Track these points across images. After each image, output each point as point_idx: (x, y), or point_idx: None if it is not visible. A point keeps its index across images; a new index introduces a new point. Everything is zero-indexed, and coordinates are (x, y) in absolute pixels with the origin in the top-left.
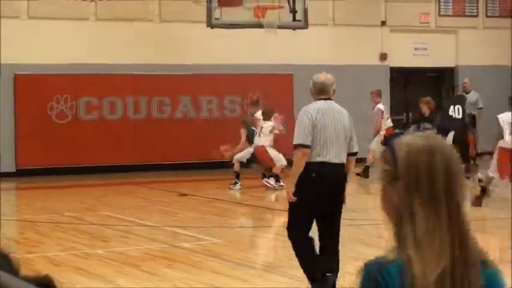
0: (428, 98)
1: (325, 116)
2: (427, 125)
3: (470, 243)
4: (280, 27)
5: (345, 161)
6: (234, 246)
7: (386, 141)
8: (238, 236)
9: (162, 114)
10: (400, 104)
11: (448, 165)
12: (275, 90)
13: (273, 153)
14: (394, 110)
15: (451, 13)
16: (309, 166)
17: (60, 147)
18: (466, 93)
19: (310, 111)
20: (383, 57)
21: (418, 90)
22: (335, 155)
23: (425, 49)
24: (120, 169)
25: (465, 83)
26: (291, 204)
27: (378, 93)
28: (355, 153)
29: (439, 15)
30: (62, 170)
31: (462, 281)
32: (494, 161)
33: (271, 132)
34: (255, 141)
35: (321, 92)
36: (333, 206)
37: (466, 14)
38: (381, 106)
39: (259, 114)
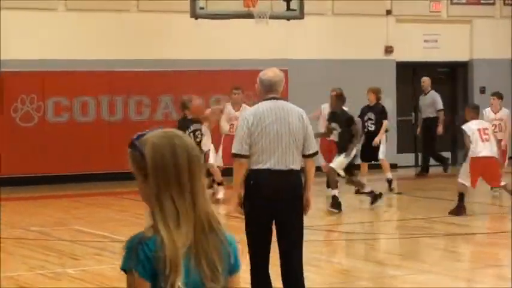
0: (378, 87)
1: (265, 119)
2: (371, 114)
3: (213, 222)
4: (272, 17)
5: (294, 166)
6: None
7: (132, 141)
8: None
9: (140, 116)
10: (407, 103)
11: (189, 158)
12: None
13: None
14: (400, 110)
15: (464, 1)
16: (248, 176)
17: (25, 154)
18: (424, 94)
19: (247, 116)
20: (388, 50)
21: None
22: (278, 161)
23: (436, 41)
24: (94, 178)
25: (423, 82)
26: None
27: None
28: (311, 155)
29: (452, 3)
30: (27, 179)
31: (206, 254)
32: (465, 169)
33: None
34: None
35: (269, 90)
36: (284, 219)
37: (482, 1)
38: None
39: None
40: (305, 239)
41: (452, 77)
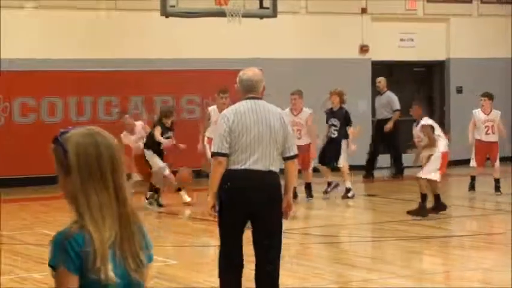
0: (341, 90)
1: (245, 118)
2: (334, 120)
3: (136, 216)
4: (245, 15)
5: (273, 168)
6: (191, 267)
7: (56, 137)
8: (197, 256)
9: (109, 117)
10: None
11: (112, 154)
12: None
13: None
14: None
15: None
16: (226, 175)
17: None
18: (380, 94)
19: (228, 114)
20: (364, 49)
21: (404, 87)
22: (257, 161)
23: (412, 40)
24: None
25: (379, 82)
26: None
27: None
28: (292, 157)
29: (428, 1)
30: None
31: (130, 247)
32: (432, 166)
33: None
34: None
35: (249, 90)
36: (261, 220)
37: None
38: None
39: None
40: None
41: (429, 77)
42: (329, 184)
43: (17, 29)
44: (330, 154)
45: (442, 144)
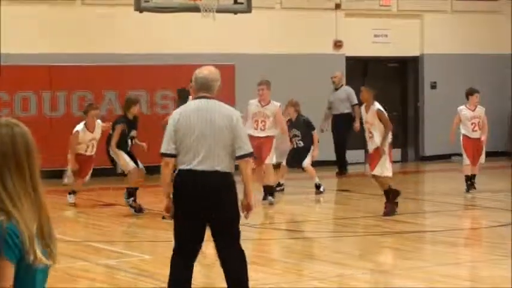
0: (296, 101)
1: (190, 118)
2: (295, 131)
3: (44, 203)
4: (219, 11)
5: (220, 168)
6: (166, 263)
7: None
8: (171, 251)
9: (83, 112)
10: (357, 99)
11: (27, 146)
12: None
13: None
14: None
15: None
16: (176, 176)
17: None
18: (336, 89)
19: (174, 115)
20: (338, 45)
21: (379, 83)
22: (202, 161)
23: (386, 36)
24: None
25: (335, 77)
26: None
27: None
28: (243, 156)
29: None
30: None
31: (48, 230)
32: (385, 162)
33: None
34: None
35: (201, 88)
36: (212, 220)
37: None
38: None
39: None
40: (254, 237)
41: (403, 72)
42: (279, 184)
43: None
44: (297, 159)
45: (389, 135)
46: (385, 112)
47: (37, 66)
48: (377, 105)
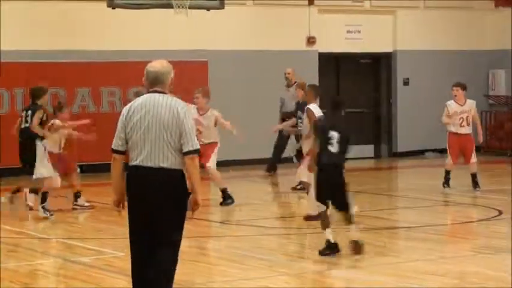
0: (304, 82)
1: (139, 113)
2: (300, 114)
3: None
4: (192, 7)
5: (166, 164)
6: None
7: None
8: None
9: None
10: (331, 95)
11: None
12: (187, 79)
13: None
14: (324, 102)
15: None
16: (127, 172)
17: None
18: (289, 86)
19: (124, 110)
20: (311, 41)
21: (352, 79)
22: (147, 158)
23: (359, 32)
24: (9, 173)
25: (288, 73)
26: None
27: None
28: (188, 152)
29: None
30: None
31: None
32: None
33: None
34: None
35: (152, 82)
36: (154, 219)
37: None
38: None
39: None
40: (227, 234)
41: (376, 69)
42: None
43: None
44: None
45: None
46: (315, 113)
47: (9, 63)
48: (312, 106)
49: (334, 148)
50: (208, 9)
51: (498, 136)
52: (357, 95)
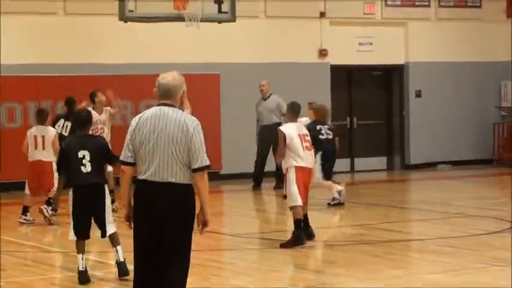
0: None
1: (145, 126)
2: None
3: None
4: (203, 20)
5: (174, 180)
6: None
7: None
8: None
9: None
10: (343, 107)
11: None
12: (199, 92)
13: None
14: (336, 114)
15: (399, 3)
16: (135, 186)
17: None
18: (264, 99)
19: (133, 121)
20: (323, 53)
21: (364, 91)
22: (156, 172)
23: (371, 44)
24: (20, 186)
25: (263, 85)
26: None
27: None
28: (197, 169)
29: (386, 5)
30: None
31: None
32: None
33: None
34: None
35: (162, 95)
36: (162, 235)
37: (416, 3)
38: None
39: None
40: (239, 247)
41: (388, 81)
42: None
43: None
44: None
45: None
46: (282, 132)
47: (22, 77)
48: (304, 122)
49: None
50: (220, 22)
51: (510, 147)
52: (369, 107)
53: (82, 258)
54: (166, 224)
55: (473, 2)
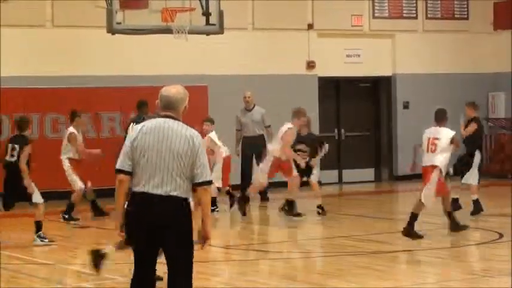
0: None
1: (148, 138)
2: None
3: None
4: (191, 32)
5: (176, 193)
6: None
7: None
8: None
9: (56, 134)
10: (330, 118)
11: None
12: (187, 104)
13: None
14: (324, 126)
15: (386, 15)
16: (131, 197)
17: None
18: (249, 110)
19: (135, 130)
20: (310, 65)
21: (351, 103)
22: (157, 185)
23: (358, 56)
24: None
25: (248, 97)
26: None
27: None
28: (201, 183)
29: (373, 17)
30: None
31: None
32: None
33: None
34: None
35: (165, 107)
36: (164, 248)
37: (404, 15)
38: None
39: None
40: (228, 258)
41: (375, 92)
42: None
43: None
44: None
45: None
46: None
47: (9, 89)
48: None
49: None
50: (207, 34)
51: (499, 159)
52: (356, 118)
53: None
54: (166, 237)
55: (460, 14)
